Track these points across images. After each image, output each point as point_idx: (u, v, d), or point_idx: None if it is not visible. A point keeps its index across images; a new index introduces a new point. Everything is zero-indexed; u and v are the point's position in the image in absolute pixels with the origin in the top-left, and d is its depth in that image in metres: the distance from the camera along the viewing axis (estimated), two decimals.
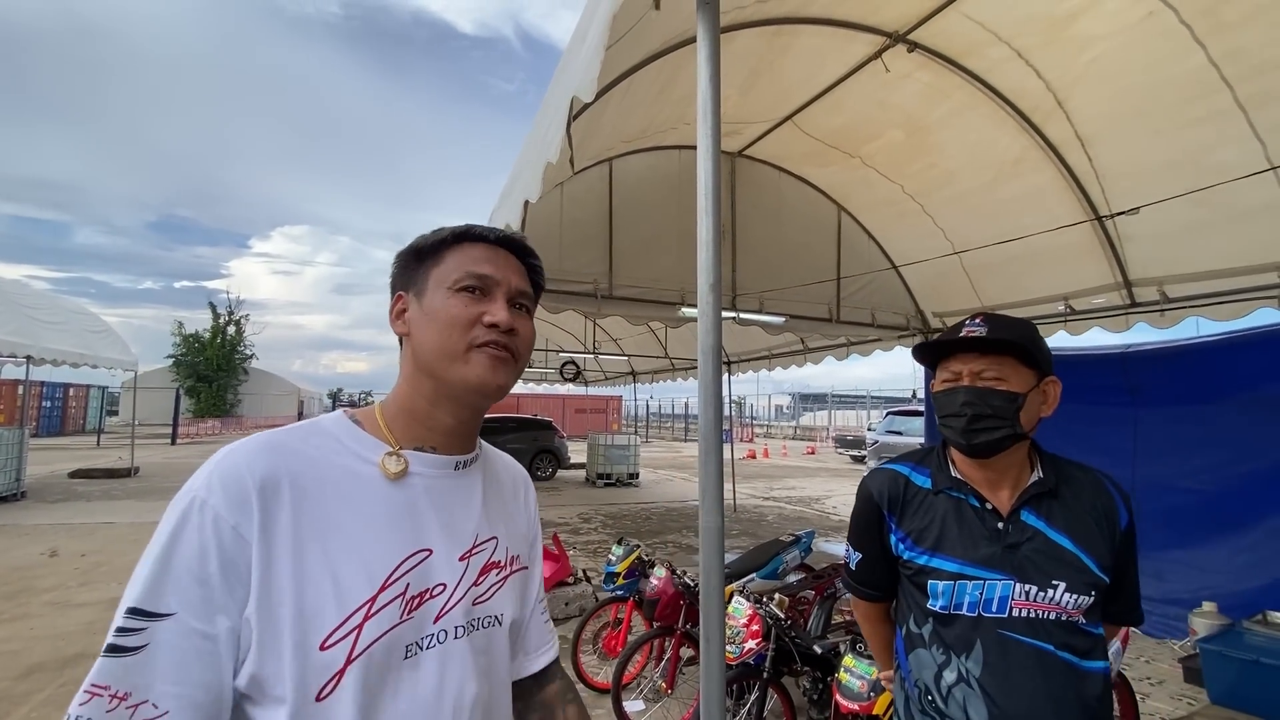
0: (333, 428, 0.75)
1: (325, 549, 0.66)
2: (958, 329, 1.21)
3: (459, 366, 0.75)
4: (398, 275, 0.83)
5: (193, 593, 0.59)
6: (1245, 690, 3.52)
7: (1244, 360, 4.39)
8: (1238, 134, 3.71)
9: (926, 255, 5.87)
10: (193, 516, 0.61)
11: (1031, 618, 1.11)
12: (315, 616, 0.63)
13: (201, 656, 0.59)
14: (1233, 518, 4.37)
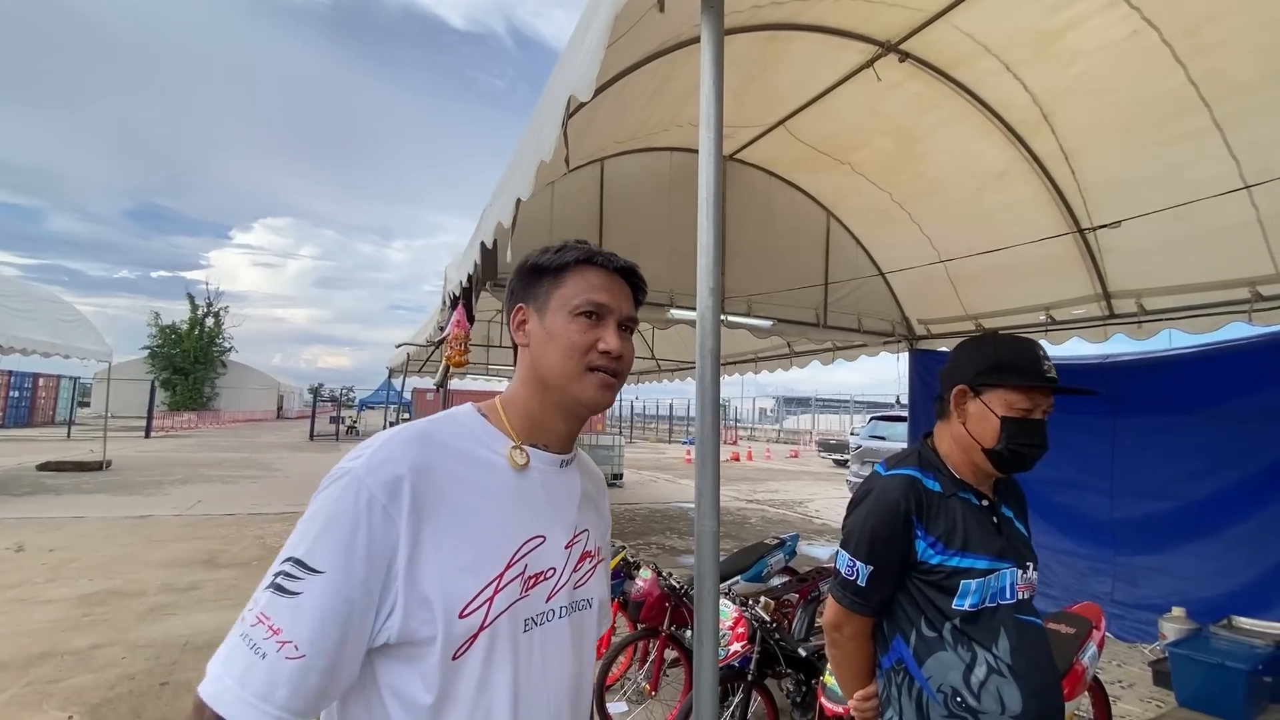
0: (467, 421, 0.86)
1: (464, 528, 0.75)
2: (1036, 361, 1.29)
3: (575, 385, 0.85)
4: (519, 288, 0.92)
5: (341, 559, 0.68)
6: (1211, 693, 3.62)
7: (1216, 373, 4.50)
8: (1214, 152, 3.81)
9: (913, 263, 5.94)
10: (351, 490, 0.70)
11: (1025, 598, 1.26)
12: (456, 588, 0.73)
13: (339, 616, 0.67)
14: (1203, 526, 4.48)
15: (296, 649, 0.65)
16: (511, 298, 0.93)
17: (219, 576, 5.65)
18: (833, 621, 1.36)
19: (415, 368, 11.99)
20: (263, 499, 9.99)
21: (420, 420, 0.81)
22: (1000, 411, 1.27)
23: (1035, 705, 1.17)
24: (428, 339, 6.74)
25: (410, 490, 0.72)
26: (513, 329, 0.91)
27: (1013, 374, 1.28)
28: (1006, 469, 1.29)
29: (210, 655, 0.69)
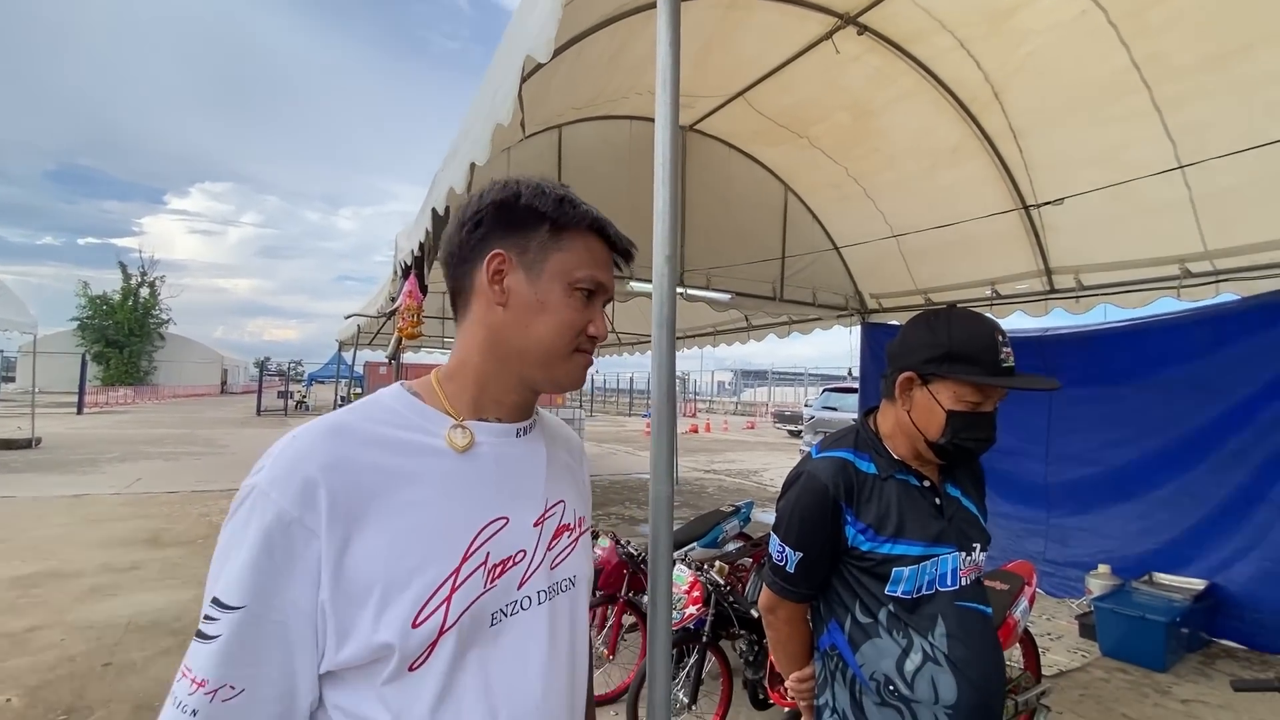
0: (393, 402, 0.74)
1: (404, 526, 0.66)
2: (993, 349, 1.18)
3: (559, 365, 0.77)
4: (497, 226, 0.76)
5: (263, 586, 0.61)
6: (1132, 643, 3.91)
7: (1145, 346, 4.76)
8: (1152, 133, 3.96)
9: (866, 238, 6.05)
10: (255, 509, 0.62)
11: (969, 583, 1.19)
12: (404, 594, 0.64)
13: (275, 642, 0.61)
14: (1128, 489, 4.78)
15: (232, 688, 0.60)
16: (480, 235, 0.76)
17: (163, 555, 5.45)
18: (766, 605, 1.35)
19: (367, 340, 11.65)
20: (208, 476, 9.65)
21: (335, 411, 0.72)
22: (947, 405, 1.18)
23: (971, 695, 1.13)
24: (378, 310, 6.55)
25: (326, 494, 0.63)
26: (487, 278, 0.75)
27: (965, 365, 1.17)
28: (951, 461, 1.23)
29: (156, 634, 0.68)
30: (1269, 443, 4.06)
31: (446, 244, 0.78)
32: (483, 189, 0.78)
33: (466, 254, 0.76)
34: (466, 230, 0.76)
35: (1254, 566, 4.07)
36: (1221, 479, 4.27)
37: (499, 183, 0.78)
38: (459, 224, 0.77)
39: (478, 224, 0.76)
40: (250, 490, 0.63)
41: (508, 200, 0.76)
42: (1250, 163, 3.62)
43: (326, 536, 0.62)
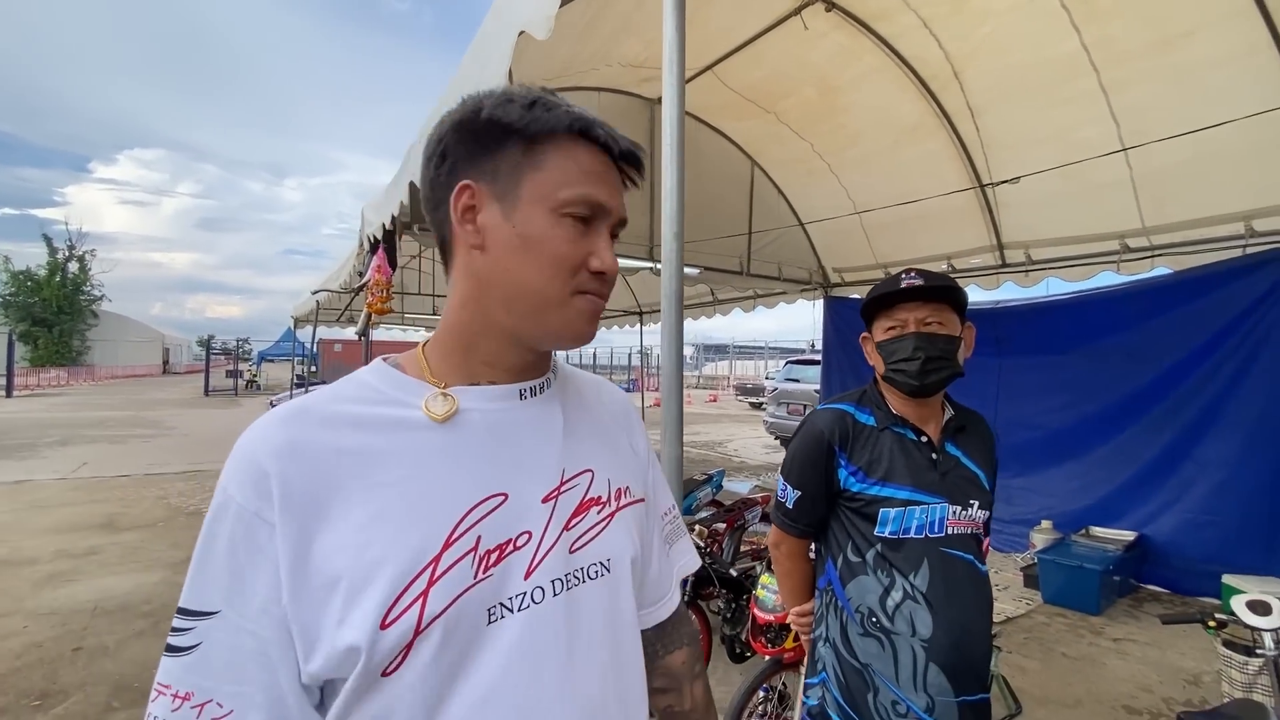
0: (370, 378, 0.64)
1: (370, 513, 0.57)
2: (895, 282, 1.33)
3: (555, 313, 0.63)
4: (461, 153, 0.62)
5: (231, 589, 0.54)
6: (1070, 590, 4.25)
7: (1087, 316, 5.08)
8: (1098, 115, 4.18)
9: (830, 213, 6.20)
10: (217, 509, 0.56)
11: (959, 534, 1.30)
12: (368, 590, 0.54)
13: (254, 655, 0.54)
14: (1069, 450, 5.13)
15: (220, 706, 0.53)
16: (448, 167, 0.62)
17: (121, 540, 5.30)
18: (772, 539, 1.51)
19: (331, 316, 11.30)
20: (160, 458, 9.32)
21: (302, 396, 0.63)
22: (878, 339, 1.36)
23: (947, 633, 1.22)
24: (342, 285, 6.39)
25: (278, 483, 0.55)
26: (456, 216, 0.62)
27: (876, 301, 1.35)
28: (908, 392, 1.32)
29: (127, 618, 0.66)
30: (1193, 406, 4.42)
31: (421, 188, 0.66)
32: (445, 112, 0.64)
33: (440, 194, 0.63)
34: (434, 165, 0.63)
35: (1178, 518, 4.46)
36: (1151, 439, 4.64)
37: (461, 100, 0.64)
38: (426, 159, 0.64)
39: (443, 155, 0.62)
40: (218, 490, 0.57)
41: (467, 117, 0.61)
42: (1185, 145, 3.87)
43: (281, 530, 0.54)
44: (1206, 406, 4.35)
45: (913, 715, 1.24)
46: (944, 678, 1.24)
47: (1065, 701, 3.03)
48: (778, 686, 2.23)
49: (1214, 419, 4.31)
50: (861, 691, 1.29)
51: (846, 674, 1.32)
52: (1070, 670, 3.35)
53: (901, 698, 1.25)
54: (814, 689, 1.40)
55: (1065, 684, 3.20)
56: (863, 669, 1.29)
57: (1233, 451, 4.20)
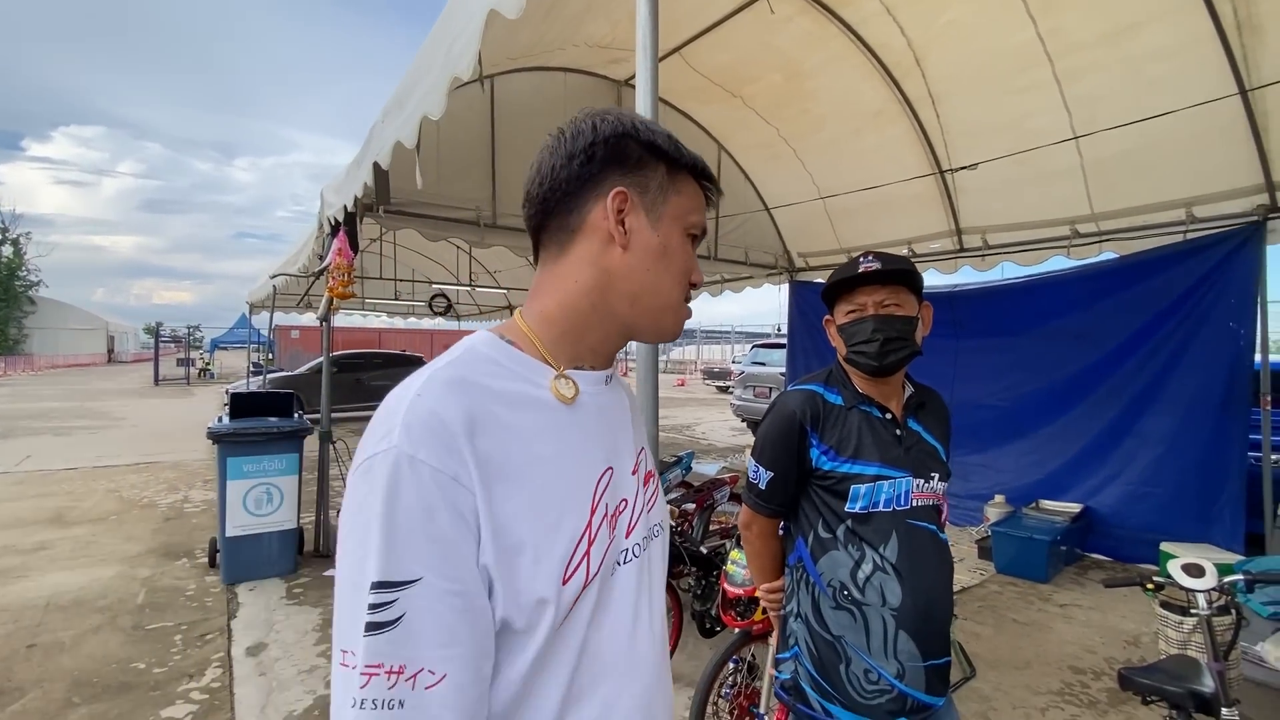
0: (494, 353, 0.68)
1: (537, 484, 0.63)
2: (854, 266, 1.38)
3: (671, 314, 0.75)
4: (612, 162, 0.70)
5: (433, 553, 0.56)
6: (1021, 560, 4.46)
7: (1038, 299, 5.28)
8: (1052, 104, 4.33)
9: (796, 198, 6.28)
10: (404, 471, 0.56)
11: (922, 506, 1.36)
12: (551, 552, 0.62)
13: (459, 614, 0.57)
14: (1021, 428, 5.36)
15: (433, 673, 0.55)
16: (595, 169, 0.70)
17: (72, 534, 5.11)
18: (743, 520, 1.54)
19: (289, 302, 10.98)
20: (109, 450, 8.96)
21: (438, 364, 0.66)
22: (839, 322, 1.42)
23: (914, 601, 1.28)
24: (301, 269, 6.21)
25: (470, 450, 0.59)
26: (612, 217, 0.70)
27: (835, 287, 1.41)
28: (870, 372, 1.38)
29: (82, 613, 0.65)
30: (1135, 384, 4.66)
31: (547, 176, 0.71)
32: (587, 119, 0.72)
33: (574, 188, 0.70)
34: (578, 163, 0.70)
35: (1120, 490, 4.72)
36: (1097, 416, 4.88)
37: (600, 114, 0.72)
38: (566, 156, 0.71)
39: (590, 157, 0.70)
40: (385, 454, 0.57)
41: (626, 134, 0.71)
42: (1132, 134, 4.04)
43: (480, 493, 0.59)
44: (1148, 384, 4.59)
45: (884, 682, 1.30)
46: (913, 644, 1.30)
47: (1015, 664, 3.20)
48: (747, 658, 2.30)
49: (1154, 396, 4.56)
50: (834, 663, 1.34)
51: (819, 646, 1.36)
52: (1020, 635, 3.53)
53: (873, 666, 1.30)
54: (786, 663, 1.44)
55: (1016, 648, 3.38)
56: (835, 641, 1.34)
57: (1170, 427, 4.46)
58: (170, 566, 4.42)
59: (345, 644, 0.55)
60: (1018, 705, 2.83)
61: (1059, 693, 2.94)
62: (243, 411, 4.37)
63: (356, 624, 0.54)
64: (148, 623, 3.52)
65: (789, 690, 1.43)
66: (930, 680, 1.31)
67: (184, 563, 4.49)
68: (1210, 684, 1.70)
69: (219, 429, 4.05)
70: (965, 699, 2.86)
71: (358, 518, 0.57)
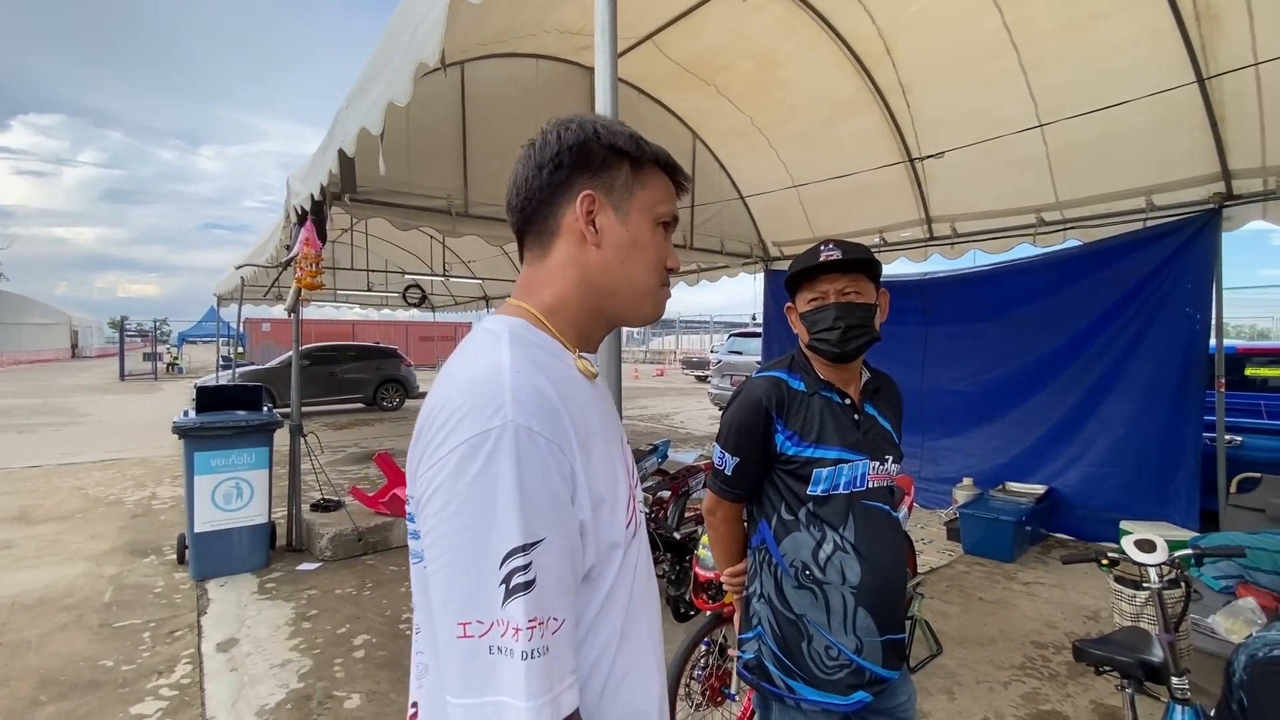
0: (531, 336, 0.75)
1: (601, 452, 0.72)
2: (815, 255, 1.41)
3: (649, 300, 0.81)
4: (578, 167, 0.77)
5: (552, 515, 0.63)
6: (987, 541, 4.58)
7: (1005, 287, 5.39)
8: (1018, 93, 4.40)
9: (770, 187, 6.31)
10: (521, 445, 0.61)
11: (877, 487, 1.41)
12: (617, 506, 0.73)
13: (570, 566, 0.65)
14: (988, 412, 5.49)
15: (556, 619, 0.62)
16: (562, 176, 0.77)
17: (36, 532, 4.98)
18: (708, 506, 1.57)
19: (257, 294, 10.74)
20: (74, 447, 8.73)
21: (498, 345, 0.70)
22: (801, 309, 1.45)
23: (872, 578, 1.33)
24: (268, 259, 6.09)
25: (570, 421, 0.67)
26: (581, 218, 0.76)
27: (797, 276, 1.45)
28: (832, 359, 1.41)
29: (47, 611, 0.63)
30: (1097, 368, 4.79)
31: (522, 187, 0.79)
32: (553, 129, 0.79)
33: (546, 195, 0.77)
34: (547, 172, 0.77)
35: (1082, 472, 4.86)
36: (1060, 400, 5.01)
37: (564, 123, 0.79)
38: (536, 166, 0.77)
39: (558, 165, 0.76)
40: (502, 431, 0.61)
41: (587, 140, 0.76)
42: (1094, 124, 4.13)
43: (579, 460, 0.66)
44: (1108, 369, 4.73)
45: (843, 657, 1.34)
46: (870, 619, 1.35)
47: (981, 640, 3.30)
48: (718, 640, 2.34)
49: (1115, 380, 4.70)
50: (796, 641, 1.38)
51: (781, 626, 1.40)
52: (986, 612, 3.64)
53: (833, 642, 1.35)
54: (749, 643, 1.47)
55: (981, 625, 3.48)
56: (797, 619, 1.38)
57: (1130, 409, 4.60)
58: (138, 564, 4.33)
59: (467, 615, 0.59)
60: (981, 680, 2.92)
61: (1021, 667, 3.04)
62: (210, 405, 4.29)
63: (487, 590, 0.59)
64: (115, 620, 3.46)
65: (752, 669, 1.46)
66: (886, 654, 1.36)
67: (152, 560, 4.41)
68: (1160, 654, 1.77)
69: (185, 423, 3.98)
70: (931, 675, 2.95)
71: (476, 490, 0.60)
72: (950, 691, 2.83)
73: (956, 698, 2.78)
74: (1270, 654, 1.28)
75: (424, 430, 0.67)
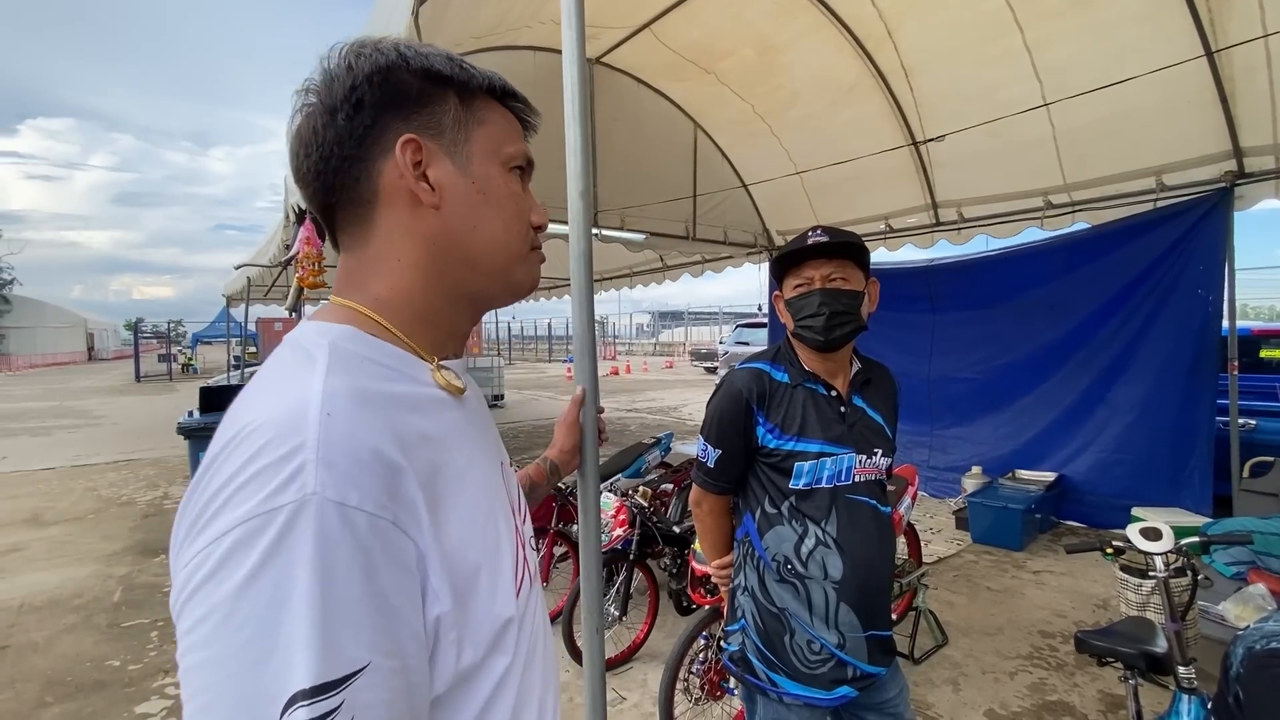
0: (362, 349, 0.54)
1: (470, 498, 0.55)
2: (803, 240, 1.37)
3: (519, 267, 0.63)
4: (387, 106, 0.56)
5: (378, 628, 0.43)
6: (997, 530, 4.52)
7: (1013, 272, 5.30)
8: (1023, 73, 4.30)
9: (772, 175, 6.23)
10: (332, 527, 0.42)
11: (863, 481, 1.38)
12: (502, 568, 0.56)
13: (403, 694, 0.45)
14: (997, 399, 5.41)
15: None
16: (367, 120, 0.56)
17: (48, 534, 5.05)
18: (694, 499, 1.56)
19: (261, 294, 10.82)
20: (88, 449, 8.85)
21: (307, 371, 0.49)
22: (787, 296, 1.41)
23: (855, 574, 1.31)
24: (270, 259, 6.11)
25: (414, 478, 0.48)
26: (409, 174, 0.56)
27: (782, 261, 1.41)
28: (817, 347, 1.37)
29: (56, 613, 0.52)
30: (1107, 353, 4.70)
31: (312, 143, 0.56)
32: (339, 58, 0.56)
33: (351, 149, 0.56)
34: (344, 116, 0.55)
35: (1093, 458, 4.78)
36: (1070, 385, 4.93)
37: (354, 47, 0.57)
38: (327, 110, 0.55)
39: (357, 105, 0.55)
40: (297, 510, 0.41)
41: (391, 67, 0.56)
42: (1102, 102, 4.03)
43: (428, 530, 0.48)
44: (1119, 353, 4.64)
45: (825, 652, 1.33)
46: (854, 615, 1.33)
47: (988, 630, 3.26)
48: (716, 634, 2.32)
49: (1126, 364, 4.61)
50: (779, 634, 1.36)
51: (764, 619, 1.38)
52: (993, 602, 3.59)
53: (815, 636, 1.33)
54: (734, 635, 1.46)
55: (989, 615, 3.44)
56: (779, 613, 1.36)
57: (1141, 394, 4.51)
58: (149, 563, 4.38)
59: None
60: (987, 670, 2.89)
61: (1028, 657, 3.00)
62: (215, 405, 4.32)
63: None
64: (124, 620, 3.50)
65: (737, 661, 1.45)
66: (871, 650, 1.34)
67: (163, 559, 4.46)
68: (1164, 644, 1.73)
69: (189, 424, 4.01)
70: (937, 665, 2.92)
71: (248, 601, 0.39)
72: (955, 682, 2.80)
73: (962, 689, 2.75)
74: (1268, 646, 1.24)
75: (191, 498, 0.45)
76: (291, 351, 0.54)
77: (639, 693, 2.72)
